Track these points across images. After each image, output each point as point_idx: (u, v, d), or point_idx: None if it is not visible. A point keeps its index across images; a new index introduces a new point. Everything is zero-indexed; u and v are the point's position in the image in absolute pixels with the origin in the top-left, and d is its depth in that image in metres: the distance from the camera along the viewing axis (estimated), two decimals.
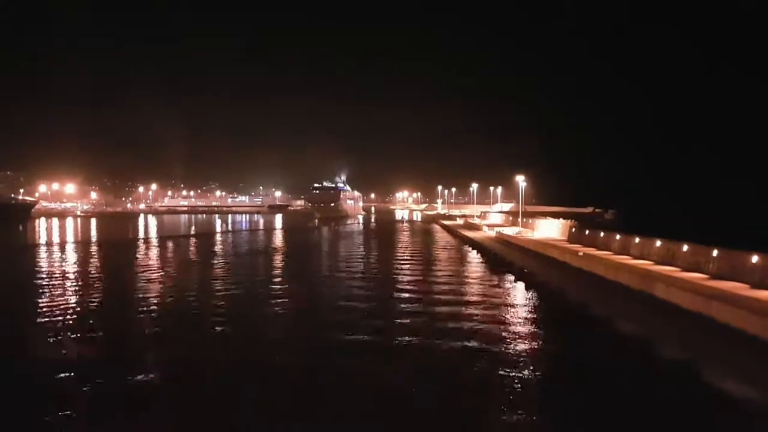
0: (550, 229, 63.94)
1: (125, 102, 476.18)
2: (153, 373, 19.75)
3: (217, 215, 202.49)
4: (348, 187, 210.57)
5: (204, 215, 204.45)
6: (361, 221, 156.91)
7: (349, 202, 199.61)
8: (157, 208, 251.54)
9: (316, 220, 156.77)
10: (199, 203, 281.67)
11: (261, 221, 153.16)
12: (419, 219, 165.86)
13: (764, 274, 26.36)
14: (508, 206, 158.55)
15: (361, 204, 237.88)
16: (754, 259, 27.29)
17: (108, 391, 17.90)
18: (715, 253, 30.64)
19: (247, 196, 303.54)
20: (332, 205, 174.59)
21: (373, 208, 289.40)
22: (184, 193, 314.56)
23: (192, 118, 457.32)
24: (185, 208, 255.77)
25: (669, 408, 16.61)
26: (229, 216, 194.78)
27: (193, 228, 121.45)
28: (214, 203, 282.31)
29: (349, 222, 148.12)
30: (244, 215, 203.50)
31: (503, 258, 48.65)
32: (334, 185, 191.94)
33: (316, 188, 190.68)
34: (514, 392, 17.87)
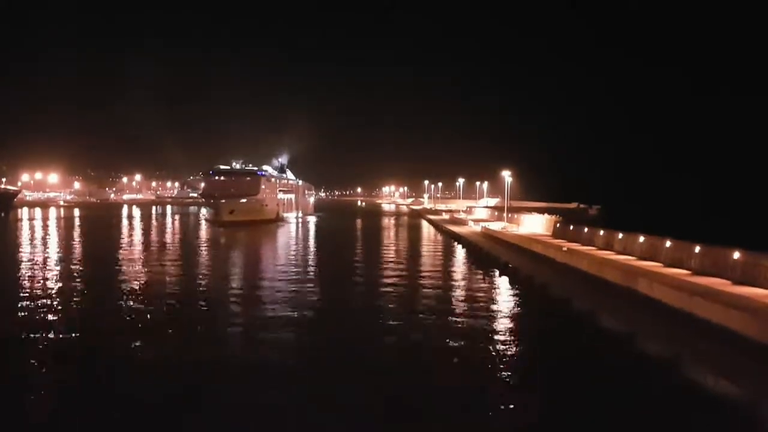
0: (534, 225, 64.11)
1: (109, 92, 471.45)
2: None
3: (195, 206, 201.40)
4: (287, 174, 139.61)
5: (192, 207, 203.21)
6: (310, 225, 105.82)
7: (284, 196, 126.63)
8: (141, 198, 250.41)
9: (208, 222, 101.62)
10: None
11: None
12: (404, 213, 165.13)
13: (745, 270, 26.53)
14: (493, 201, 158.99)
15: (312, 200, 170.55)
16: (736, 255, 27.43)
17: None
18: (697, 249, 30.78)
19: None
20: (243, 201, 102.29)
21: (359, 202, 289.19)
22: (169, 184, 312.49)
23: (175, 109, 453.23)
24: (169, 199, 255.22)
25: (644, 400, 16.67)
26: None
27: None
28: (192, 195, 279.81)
29: (279, 227, 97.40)
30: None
31: (488, 253, 48.67)
32: (253, 169, 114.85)
33: (219, 172, 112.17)
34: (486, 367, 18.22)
